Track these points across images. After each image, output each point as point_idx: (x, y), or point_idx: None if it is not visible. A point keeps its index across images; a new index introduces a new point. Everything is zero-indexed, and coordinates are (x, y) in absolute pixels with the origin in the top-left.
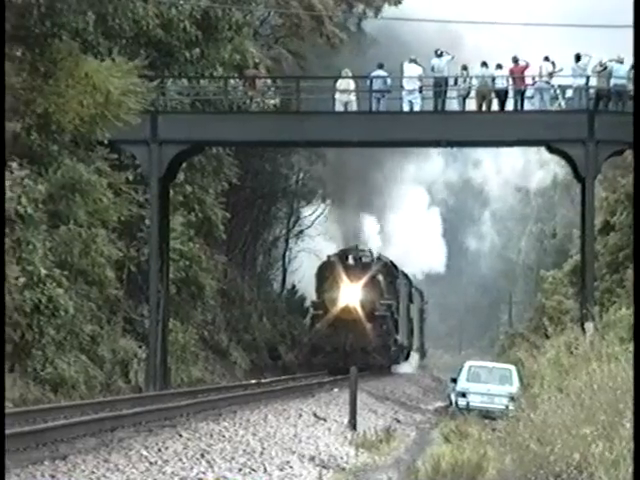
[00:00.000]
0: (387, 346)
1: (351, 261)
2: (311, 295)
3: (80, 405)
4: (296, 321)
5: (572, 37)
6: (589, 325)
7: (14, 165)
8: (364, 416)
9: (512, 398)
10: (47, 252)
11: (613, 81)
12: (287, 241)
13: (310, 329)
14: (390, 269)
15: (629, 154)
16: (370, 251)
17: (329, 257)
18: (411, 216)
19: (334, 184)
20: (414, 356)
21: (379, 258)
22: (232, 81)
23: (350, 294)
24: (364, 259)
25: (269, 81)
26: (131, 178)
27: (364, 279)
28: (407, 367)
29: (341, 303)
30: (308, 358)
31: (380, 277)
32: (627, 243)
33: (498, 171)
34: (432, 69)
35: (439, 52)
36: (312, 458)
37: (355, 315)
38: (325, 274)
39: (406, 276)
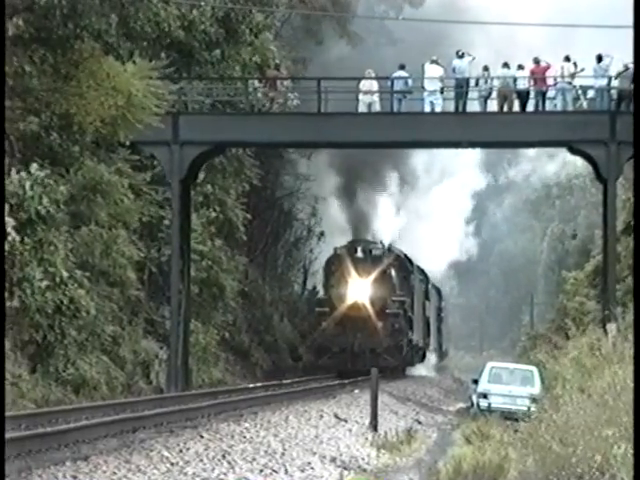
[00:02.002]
0: (399, 346)
1: (360, 254)
2: None
3: (101, 406)
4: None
5: (592, 38)
6: (611, 326)
7: (35, 166)
8: (385, 417)
9: (534, 399)
10: (69, 253)
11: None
12: (308, 242)
13: (315, 328)
14: (403, 263)
15: None
16: (381, 243)
17: (336, 250)
18: (434, 216)
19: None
20: (431, 357)
21: (391, 250)
22: (256, 82)
23: (359, 290)
24: (374, 252)
25: (289, 82)
26: (148, 179)
27: (374, 273)
28: (423, 369)
29: (349, 300)
30: (314, 360)
31: (392, 271)
32: None
33: (518, 172)
34: (453, 70)
35: (460, 53)
36: (333, 459)
37: (364, 313)
38: (332, 268)
39: (422, 271)
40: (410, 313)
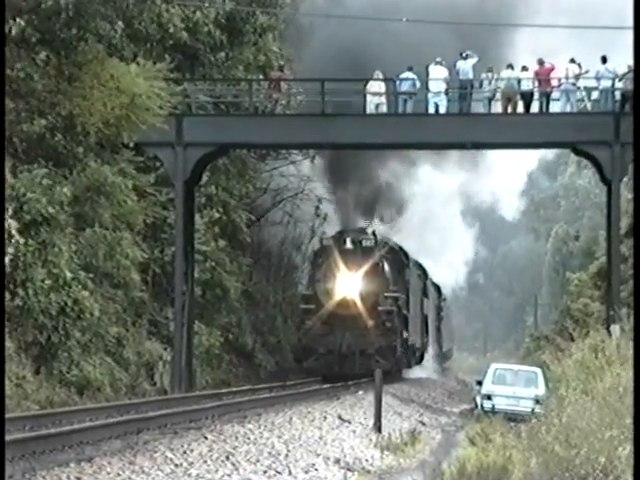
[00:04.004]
0: (393, 347)
1: (349, 245)
2: None
3: (105, 407)
4: None
5: (597, 38)
6: (615, 327)
7: (42, 170)
8: (389, 418)
9: (538, 401)
10: (73, 255)
11: None
12: (311, 242)
13: (300, 327)
14: (398, 256)
15: None
16: (374, 233)
17: (322, 240)
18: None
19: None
20: (430, 359)
21: (384, 242)
22: (262, 83)
23: (347, 285)
24: (365, 243)
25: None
26: (152, 180)
27: (365, 267)
28: (421, 371)
29: (337, 296)
30: (298, 362)
31: (385, 265)
32: None
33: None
34: (457, 73)
35: (465, 54)
36: (337, 460)
37: (353, 310)
38: (318, 261)
39: (420, 266)
40: (405, 311)
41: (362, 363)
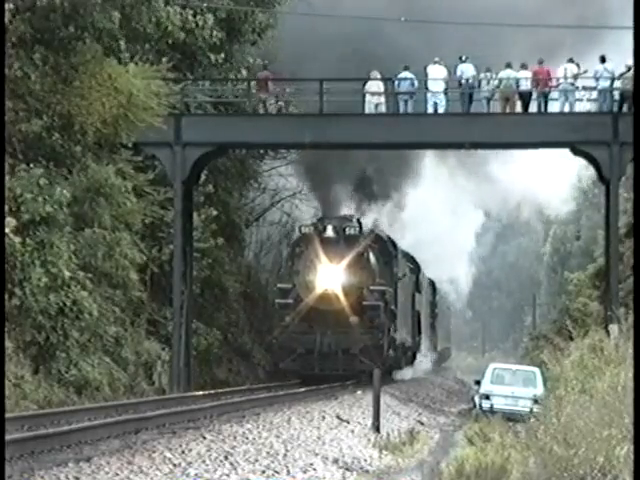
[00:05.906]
0: (379, 347)
1: (331, 233)
2: None
3: (104, 407)
4: None
5: (595, 38)
6: (613, 327)
7: (40, 171)
8: (387, 418)
9: (536, 400)
10: (71, 255)
11: None
12: None
13: (277, 324)
14: (385, 246)
15: None
16: (358, 221)
17: (301, 229)
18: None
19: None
20: (423, 360)
21: (370, 230)
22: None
23: (329, 277)
24: (349, 231)
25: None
26: (151, 178)
27: (348, 257)
28: (412, 373)
29: (317, 289)
30: (275, 362)
31: (371, 255)
32: None
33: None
34: (459, 80)
35: (464, 58)
36: (335, 460)
37: (336, 305)
38: (297, 251)
39: (411, 258)
40: (393, 306)
41: (345, 364)
